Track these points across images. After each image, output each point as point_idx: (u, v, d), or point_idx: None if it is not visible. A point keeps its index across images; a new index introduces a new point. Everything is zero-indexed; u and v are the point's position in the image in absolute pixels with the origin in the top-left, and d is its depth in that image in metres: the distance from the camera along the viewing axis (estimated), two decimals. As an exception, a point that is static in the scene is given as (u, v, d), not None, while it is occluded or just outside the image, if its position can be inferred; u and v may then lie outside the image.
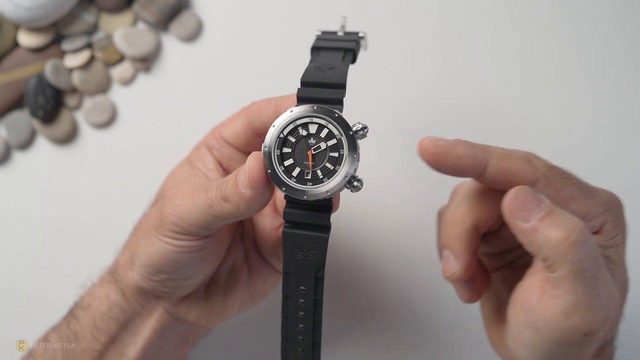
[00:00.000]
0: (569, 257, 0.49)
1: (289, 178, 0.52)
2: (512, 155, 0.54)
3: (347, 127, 0.52)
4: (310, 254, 0.54)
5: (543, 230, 0.50)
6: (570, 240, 0.49)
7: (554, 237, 0.49)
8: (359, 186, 0.52)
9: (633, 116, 0.82)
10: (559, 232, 0.49)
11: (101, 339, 0.65)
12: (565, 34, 0.84)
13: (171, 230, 0.58)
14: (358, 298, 0.81)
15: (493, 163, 0.53)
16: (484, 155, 0.53)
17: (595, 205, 0.54)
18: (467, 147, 0.53)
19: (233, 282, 0.68)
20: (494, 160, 0.53)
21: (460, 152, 0.53)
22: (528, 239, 0.51)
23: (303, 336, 0.57)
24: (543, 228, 0.50)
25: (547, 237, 0.50)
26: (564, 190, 0.53)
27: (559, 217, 0.50)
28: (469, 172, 0.54)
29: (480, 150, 0.53)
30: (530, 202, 0.51)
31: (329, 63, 0.56)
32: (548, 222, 0.50)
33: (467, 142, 0.54)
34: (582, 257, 0.49)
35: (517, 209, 0.52)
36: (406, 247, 0.80)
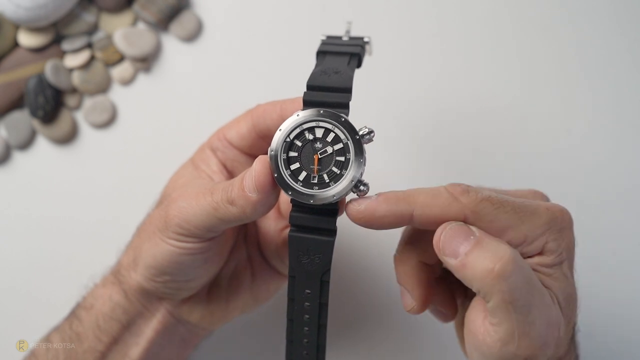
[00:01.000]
0: (498, 288, 0.49)
1: (295, 182, 0.53)
2: (435, 198, 0.52)
3: (353, 131, 0.52)
4: (316, 257, 0.54)
5: (471, 264, 0.50)
6: (496, 271, 0.48)
7: (480, 270, 0.49)
8: (365, 190, 0.52)
9: (633, 116, 0.82)
10: (486, 263, 0.49)
11: (104, 339, 0.65)
12: (565, 34, 0.85)
13: (175, 232, 0.58)
14: (363, 301, 0.81)
15: (417, 213, 0.52)
16: (406, 207, 0.52)
17: (533, 228, 0.52)
18: (388, 205, 0.52)
19: (236, 285, 0.68)
20: (417, 209, 0.52)
21: (381, 212, 0.52)
22: (459, 274, 0.51)
23: (308, 339, 0.57)
24: (470, 262, 0.50)
25: (475, 270, 0.49)
26: (497, 220, 0.52)
27: (486, 247, 0.50)
28: (398, 226, 0.53)
29: (402, 204, 0.52)
30: (458, 237, 0.51)
31: (335, 67, 0.56)
32: (475, 255, 0.50)
33: (388, 199, 0.52)
34: (512, 287, 0.49)
35: (445, 246, 0.51)
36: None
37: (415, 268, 0.58)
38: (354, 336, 0.80)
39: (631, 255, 0.80)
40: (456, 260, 0.51)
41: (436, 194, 0.52)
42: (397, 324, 0.80)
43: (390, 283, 0.79)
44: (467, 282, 0.51)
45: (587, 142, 0.82)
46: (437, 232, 0.52)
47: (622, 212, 0.80)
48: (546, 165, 0.81)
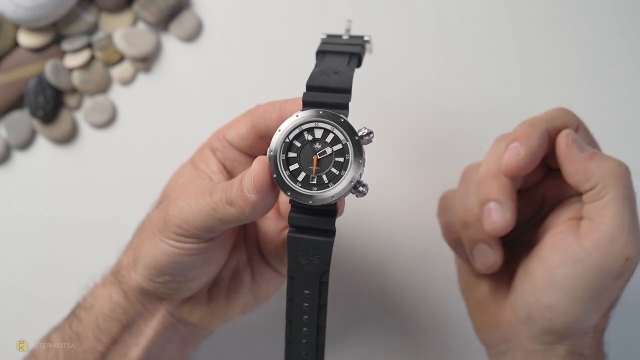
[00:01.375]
0: (622, 182, 0.56)
1: (294, 183, 0.53)
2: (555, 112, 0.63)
3: (352, 132, 0.52)
4: (315, 258, 0.54)
5: (598, 159, 0.57)
6: (623, 168, 0.57)
7: (607, 165, 0.57)
8: (364, 191, 0.52)
9: (633, 116, 0.82)
10: (612, 161, 0.57)
11: (103, 339, 0.65)
12: (565, 34, 0.84)
13: (175, 232, 0.58)
14: (362, 302, 0.81)
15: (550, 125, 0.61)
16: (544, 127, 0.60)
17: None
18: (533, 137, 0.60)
19: (235, 285, 0.68)
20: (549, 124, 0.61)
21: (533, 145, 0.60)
22: (583, 165, 0.58)
23: (307, 340, 0.57)
24: (598, 157, 0.58)
25: (601, 164, 0.57)
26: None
27: (605, 156, 0.58)
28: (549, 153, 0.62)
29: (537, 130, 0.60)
30: (581, 142, 0.59)
31: (335, 67, 0.56)
32: (601, 155, 0.58)
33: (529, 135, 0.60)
34: (630, 185, 0.57)
35: (573, 142, 0.58)
36: (410, 251, 0.80)
37: (510, 181, 0.62)
38: (353, 337, 0.80)
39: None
40: (584, 153, 0.58)
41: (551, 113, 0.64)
42: (398, 324, 0.80)
43: (391, 284, 0.79)
44: (584, 176, 0.58)
45: (587, 142, 0.82)
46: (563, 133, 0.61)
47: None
48: (546, 165, 0.81)
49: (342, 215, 0.56)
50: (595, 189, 0.56)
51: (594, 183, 0.56)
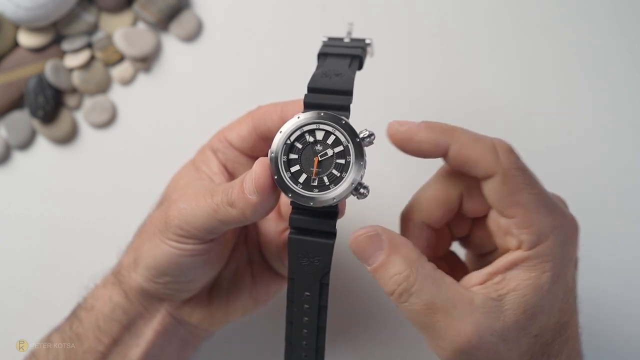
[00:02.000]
0: (400, 309, 0.53)
1: (295, 184, 0.53)
2: (477, 143, 0.54)
3: (353, 134, 0.52)
4: (316, 259, 0.54)
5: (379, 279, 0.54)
6: (394, 296, 0.53)
7: (386, 290, 0.54)
8: (365, 193, 0.52)
9: (633, 116, 0.82)
10: (387, 286, 0.53)
11: (104, 340, 0.65)
12: (565, 34, 0.85)
13: (176, 233, 0.58)
14: (363, 304, 0.81)
15: (454, 149, 0.53)
16: (445, 140, 0.53)
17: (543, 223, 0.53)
18: (430, 132, 0.54)
19: (236, 286, 0.68)
20: (455, 145, 0.53)
21: (421, 137, 0.54)
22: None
23: (307, 341, 0.57)
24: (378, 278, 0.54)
25: (383, 287, 0.54)
26: (519, 195, 0.52)
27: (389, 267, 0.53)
28: (431, 156, 0.55)
29: (443, 135, 0.54)
30: (369, 248, 0.54)
31: (336, 69, 0.56)
32: (380, 274, 0.54)
33: (431, 127, 0.54)
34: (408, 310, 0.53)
35: (358, 254, 0.55)
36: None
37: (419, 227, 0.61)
38: (353, 339, 0.80)
39: (631, 255, 0.80)
40: (368, 268, 0.54)
41: (480, 139, 0.54)
42: (398, 327, 0.80)
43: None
44: None
45: (587, 142, 0.82)
46: (356, 234, 0.54)
47: (622, 212, 0.80)
48: (546, 164, 0.81)
49: (342, 217, 0.56)
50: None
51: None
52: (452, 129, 0.54)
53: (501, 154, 0.53)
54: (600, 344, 0.78)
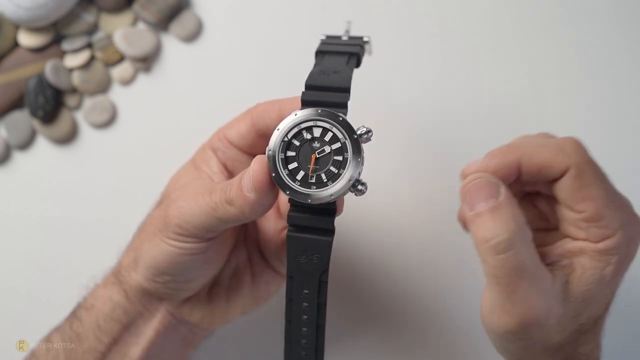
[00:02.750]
0: (486, 259, 0.51)
1: (293, 181, 0.53)
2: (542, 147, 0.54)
3: (351, 130, 0.52)
4: (314, 257, 0.54)
5: (476, 225, 0.52)
6: (490, 244, 0.50)
7: (480, 235, 0.51)
8: (363, 190, 0.52)
9: (633, 116, 0.82)
10: (486, 232, 0.51)
11: (104, 340, 0.65)
12: (565, 34, 0.84)
13: (175, 232, 0.59)
14: (362, 301, 0.81)
15: (525, 162, 0.54)
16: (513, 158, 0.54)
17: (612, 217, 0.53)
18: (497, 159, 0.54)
19: (236, 285, 0.68)
20: (525, 157, 0.54)
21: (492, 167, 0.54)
22: (468, 226, 0.53)
23: (306, 340, 0.57)
24: (477, 223, 0.52)
25: (477, 233, 0.51)
26: (590, 188, 0.53)
27: (496, 217, 0.51)
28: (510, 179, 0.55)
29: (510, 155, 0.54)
30: (482, 192, 0.52)
31: (334, 67, 0.56)
32: (484, 219, 0.51)
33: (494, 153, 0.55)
34: (499, 264, 0.50)
35: (467, 195, 0.53)
36: (410, 250, 0.80)
37: None
38: (353, 336, 0.80)
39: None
40: (469, 213, 0.52)
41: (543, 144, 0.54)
42: (398, 323, 0.80)
43: (391, 282, 0.79)
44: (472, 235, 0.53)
45: (587, 142, 0.82)
46: (469, 179, 0.53)
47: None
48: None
49: (341, 214, 0.56)
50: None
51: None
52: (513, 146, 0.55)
53: (569, 149, 0.53)
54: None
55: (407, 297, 0.80)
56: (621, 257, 0.53)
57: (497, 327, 0.53)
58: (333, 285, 0.57)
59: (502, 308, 0.52)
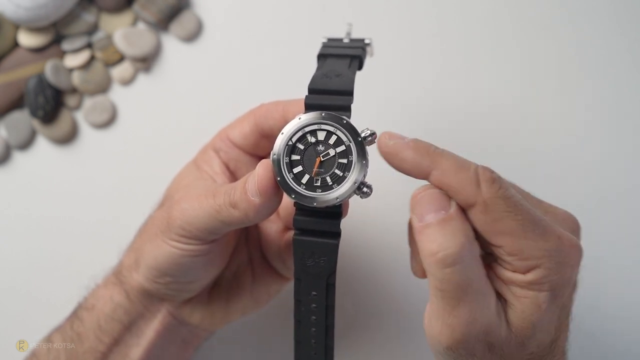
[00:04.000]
0: (433, 272, 0.49)
1: (298, 185, 0.53)
2: (459, 172, 0.51)
3: (355, 133, 0.52)
4: (321, 260, 0.54)
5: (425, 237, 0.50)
6: (437, 257, 0.49)
7: (425, 248, 0.50)
8: (368, 192, 0.52)
9: (633, 116, 0.82)
10: (434, 245, 0.49)
11: (105, 340, 0.65)
12: (565, 34, 0.85)
13: (178, 234, 0.58)
14: (369, 302, 0.81)
15: (435, 174, 0.51)
16: (428, 165, 0.51)
17: (532, 248, 0.50)
18: (414, 153, 0.52)
19: (237, 286, 0.68)
20: (437, 172, 0.51)
21: (405, 156, 0.52)
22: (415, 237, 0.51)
23: (316, 340, 0.58)
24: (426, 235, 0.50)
25: (424, 245, 0.50)
26: (501, 223, 0.50)
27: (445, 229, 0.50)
28: (413, 176, 0.53)
29: (427, 160, 0.51)
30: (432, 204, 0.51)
31: (336, 70, 0.56)
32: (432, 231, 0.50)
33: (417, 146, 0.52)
34: (446, 277, 0.49)
35: (417, 205, 0.51)
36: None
37: None
38: (361, 336, 0.81)
39: (631, 255, 0.80)
40: (418, 224, 0.50)
41: (463, 168, 0.51)
42: (405, 324, 0.80)
43: (397, 283, 0.79)
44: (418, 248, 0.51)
45: (587, 142, 0.82)
46: (420, 189, 0.52)
47: (622, 212, 0.81)
48: (546, 164, 0.81)
49: (346, 217, 0.56)
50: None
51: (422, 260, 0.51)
52: (437, 153, 0.52)
53: (483, 185, 0.50)
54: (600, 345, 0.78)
55: (414, 296, 0.80)
56: (553, 284, 0.51)
57: (437, 341, 0.51)
58: (341, 286, 0.57)
59: (443, 322, 0.51)
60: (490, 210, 0.50)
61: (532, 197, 0.55)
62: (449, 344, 0.51)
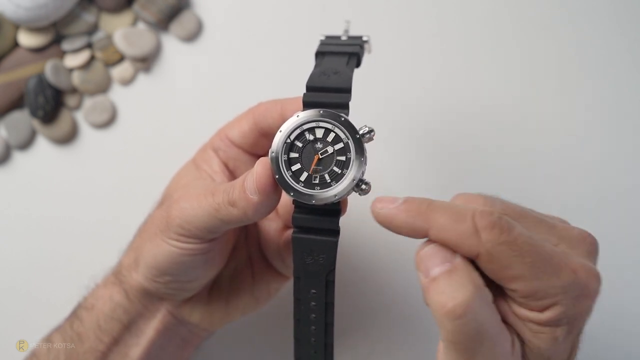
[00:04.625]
0: (444, 325, 0.47)
1: (296, 183, 0.53)
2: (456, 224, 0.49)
3: (353, 130, 0.52)
4: (320, 258, 0.54)
5: (433, 290, 0.48)
6: (447, 309, 0.47)
7: (436, 301, 0.48)
8: (367, 189, 0.52)
9: (633, 116, 0.82)
10: (443, 297, 0.47)
11: (104, 339, 0.65)
12: (565, 34, 0.85)
13: (177, 233, 0.58)
14: (369, 299, 0.81)
15: (433, 234, 0.50)
16: (424, 225, 0.50)
17: (547, 287, 0.48)
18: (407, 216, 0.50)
19: (236, 285, 0.68)
20: (433, 231, 0.49)
21: (399, 222, 0.50)
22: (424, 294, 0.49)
23: (315, 338, 0.58)
24: (433, 289, 0.48)
25: (433, 299, 0.48)
26: (511, 268, 0.48)
27: (452, 280, 0.48)
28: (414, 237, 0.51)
29: (421, 221, 0.50)
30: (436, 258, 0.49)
31: (334, 68, 0.56)
32: (440, 284, 0.48)
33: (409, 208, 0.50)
34: (457, 329, 0.47)
35: (421, 262, 0.50)
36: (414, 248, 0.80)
37: None
38: (361, 334, 0.80)
39: (631, 255, 0.80)
40: (424, 280, 0.49)
41: (459, 220, 0.49)
42: (405, 321, 0.80)
43: (396, 280, 0.79)
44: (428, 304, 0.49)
45: (586, 142, 0.82)
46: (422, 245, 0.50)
47: (622, 212, 0.80)
48: (546, 165, 0.81)
49: (345, 214, 0.56)
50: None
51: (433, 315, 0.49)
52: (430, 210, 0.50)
53: (482, 234, 0.48)
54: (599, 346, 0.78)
55: (412, 295, 0.80)
56: (570, 318, 0.50)
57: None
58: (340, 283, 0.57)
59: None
60: (496, 258, 0.48)
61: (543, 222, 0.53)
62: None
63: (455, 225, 0.49)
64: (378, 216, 0.51)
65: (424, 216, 0.50)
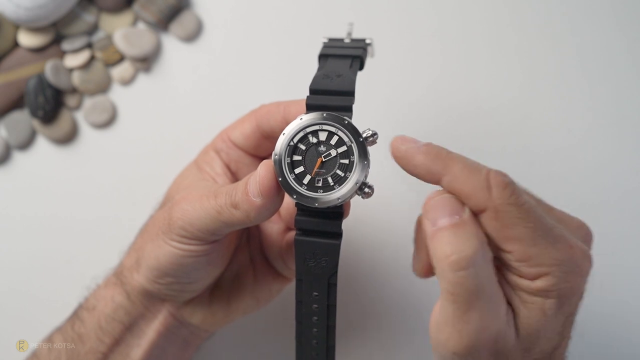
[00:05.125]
0: (445, 276, 0.48)
1: (300, 186, 0.53)
2: (470, 176, 0.50)
3: (357, 133, 0.52)
4: (323, 260, 0.54)
5: (438, 240, 0.49)
6: (450, 260, 0.48)
7: (438, 251, 0.49)
8: (370, 192, 0.52)
9: (633, 116, 0.82)
10: (447, 248, 0.48)
11: (105, 340, 0.65)
12: (565, 34, 0.85)
13: (179, 234, 0.59)
14: (371, 301, 0.81)
15: (446, 180, 0.51)
16: (440, 170, 0.51)
17: (542, 256, 0.50)
18: (426, 158, 0.51)
19: (238, 287, 0.68)
20: (447, 177, 0.51)
21: (417, 161, 0.51)
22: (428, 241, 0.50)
23: (317, 340, 0.58)
24: (438, 239, 0.49)
25: (437, 248, 0.49)
26: (512, 229, 0.49)
27: (459, 234, 0.49)
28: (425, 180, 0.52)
29: (439, 165, 0.51)
30: (445, 208, 0.50)
31: (337, 70, 0.56)
32: (445, 235, 0.49)
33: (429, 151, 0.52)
34: (457, 281, 0.48)
35: (430, 210, 0.50)
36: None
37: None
38: (362, 336, 0.81)
39: (632, 255, 0.80)
40: (431, 228, 0.50)
41: (474, 172, 0.50)
42: (406, 323, 0.80)
43: (398, 283, 0.79)
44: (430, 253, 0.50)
45: (587, 142, 0.82)
46: (433, 194, 0.51)
47: (622, 213, 0.81)
48: (546, 165, 0.81)
49: (348, 217, 0.56)
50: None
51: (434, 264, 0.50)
52: (449, 157, 0.51)
53: (494, 190, 0.50)
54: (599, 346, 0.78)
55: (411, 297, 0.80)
56: (560, 292, 0.51)
57: (444, 347, 0.50)
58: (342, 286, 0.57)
59: (453, 326, 0.50)
60: (501, 216, 0.49)
61: (545, 204, 0.55)
62: (456, 349, 0.50)
63: (470, 176, 0.50)
64: (397, 151, 0.52)
65: (442, 161, 0.51)
